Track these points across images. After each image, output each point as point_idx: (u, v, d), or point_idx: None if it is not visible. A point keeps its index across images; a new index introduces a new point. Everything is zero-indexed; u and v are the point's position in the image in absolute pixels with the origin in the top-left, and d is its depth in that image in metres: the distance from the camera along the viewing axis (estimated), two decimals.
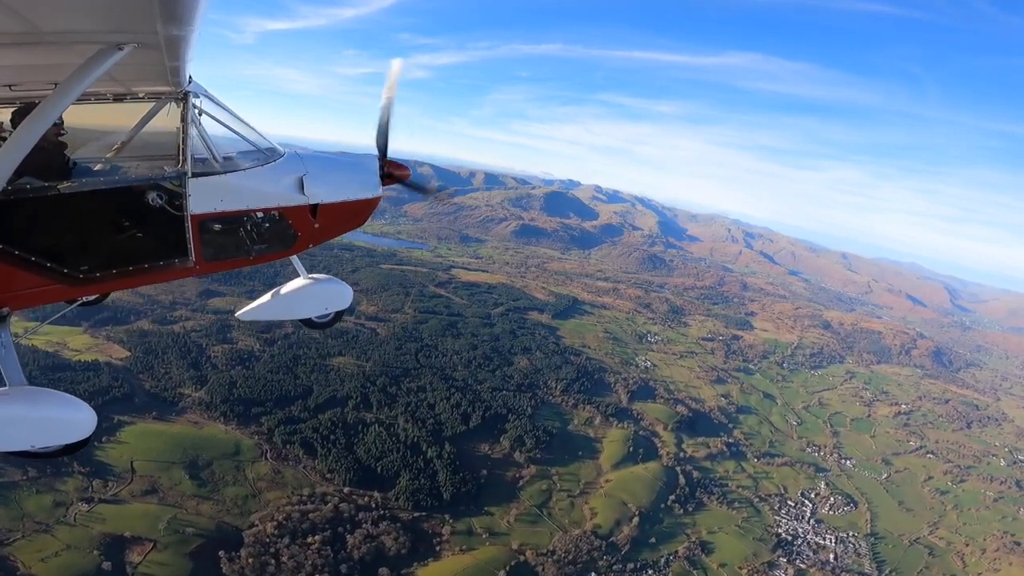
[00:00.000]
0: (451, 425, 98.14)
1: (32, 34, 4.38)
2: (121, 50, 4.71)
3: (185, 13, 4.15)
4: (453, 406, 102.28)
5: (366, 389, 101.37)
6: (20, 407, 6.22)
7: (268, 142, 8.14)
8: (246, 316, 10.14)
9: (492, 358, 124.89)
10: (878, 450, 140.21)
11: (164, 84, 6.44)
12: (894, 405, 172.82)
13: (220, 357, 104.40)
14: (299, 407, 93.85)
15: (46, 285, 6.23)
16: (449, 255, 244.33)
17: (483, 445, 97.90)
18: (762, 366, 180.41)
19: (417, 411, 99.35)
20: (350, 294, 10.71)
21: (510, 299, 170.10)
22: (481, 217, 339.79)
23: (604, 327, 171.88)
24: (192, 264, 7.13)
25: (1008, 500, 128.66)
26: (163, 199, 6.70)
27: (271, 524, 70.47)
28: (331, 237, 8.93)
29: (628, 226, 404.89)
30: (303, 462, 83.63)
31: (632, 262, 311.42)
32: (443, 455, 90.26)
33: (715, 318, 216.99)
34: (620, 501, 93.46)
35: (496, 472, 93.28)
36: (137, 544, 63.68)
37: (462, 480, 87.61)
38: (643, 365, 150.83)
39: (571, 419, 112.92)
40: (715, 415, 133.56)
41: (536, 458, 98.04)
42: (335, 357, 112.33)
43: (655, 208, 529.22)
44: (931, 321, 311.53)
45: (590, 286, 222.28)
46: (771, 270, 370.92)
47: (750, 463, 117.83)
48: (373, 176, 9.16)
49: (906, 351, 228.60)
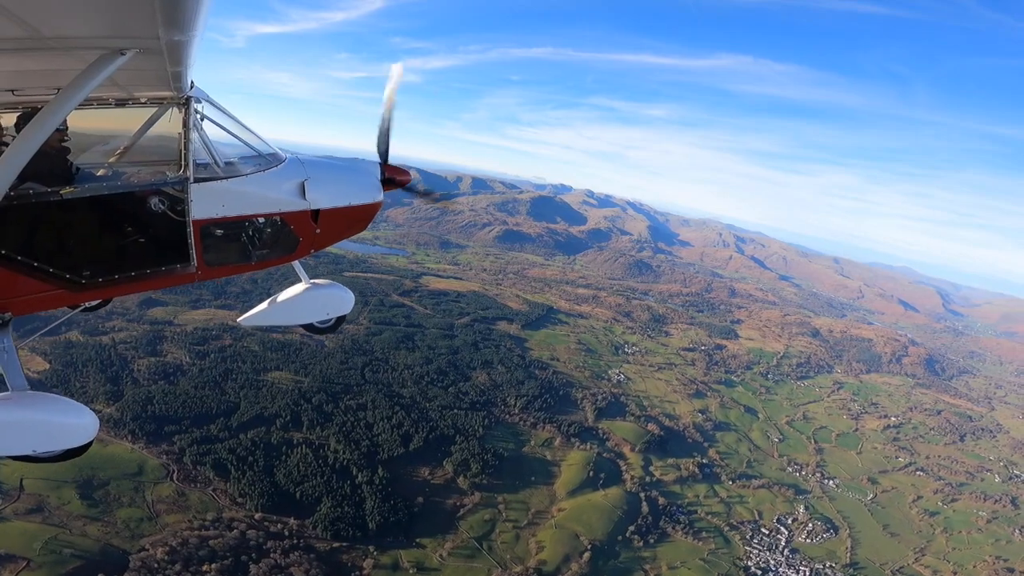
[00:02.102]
0: (388, 447, 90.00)
1: (34, 39, 4.31)
2: (123, 55, 4.68)
3: (186, 18, 4.06)
4: (394, 426, 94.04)
5: (299, 407, 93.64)
6: (22, 412, 6.20)
7: (270, 147, 8.02)
8: (248, 322, 10.25)
9: (448, 373, 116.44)
10: (864, 468, 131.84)
11: (166, 89, 6.43)
12: (883, 418, 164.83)
13: (143, 371, 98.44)
14: (219, 426, 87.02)
15: (49, 291, 6.21)
16: (426, 261, 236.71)
17: (423, 469, 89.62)
18: (745, 377, 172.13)
19: (352, 431, 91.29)
20: (352, 299, 10.60)
21: (478, 308, 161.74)
22: (464, 222, 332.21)
23: (578, 337, 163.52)
24: (194, 270, 7.06)
25: (1002, 520, 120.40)
26: (165, 204, 6.71)
27: (163, 549, 65.29)
28: (333, 242, 8.84)
29: (617, 231, 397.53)
30: (213, 484, 77.67)
31: (618, 268, 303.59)
32: (374, 480, 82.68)
33: (699, 326, 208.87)
34: (572, 533, 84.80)
35: (434, 499, 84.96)
36: (10, 562, 60.33)
37: (392, 508, 79.83)
38: (616, 379, 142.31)
39: (528, 440, 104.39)
40: (690, 433, 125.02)
41: (481, 484, 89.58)
42: (271, 372, 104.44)
43: (647, 213, 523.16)
44: (923, 327, 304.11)
45: (569, 293, 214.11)
46: (761, 275, 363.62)
47: (724, 486, 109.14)
48: (374, 181, 9.06)
49: (897, 359, 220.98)
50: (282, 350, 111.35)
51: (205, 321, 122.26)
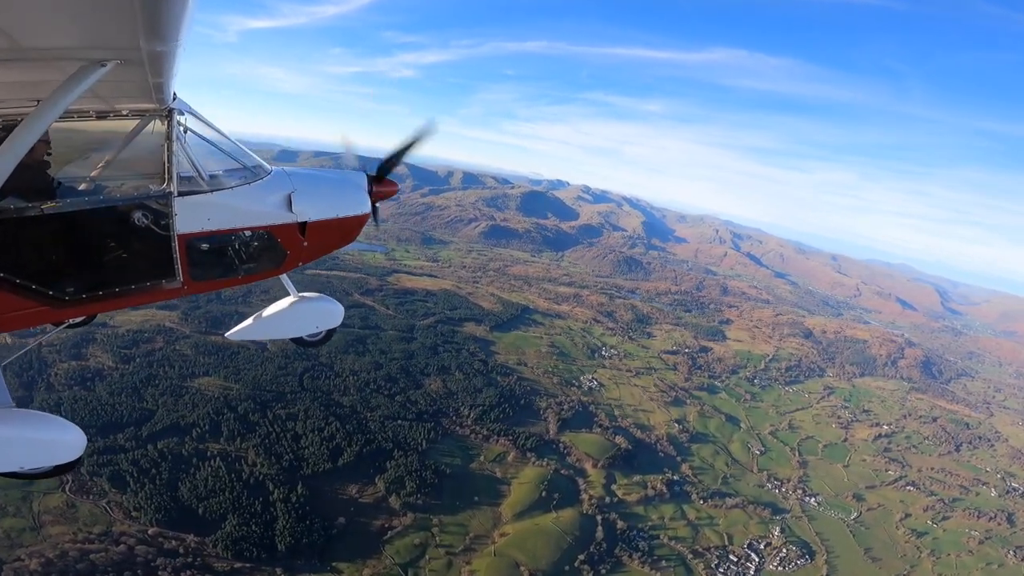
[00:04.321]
0: (314, 462, 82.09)
1: (12, 50, 4.21)
2: (104, 66, 4.59)
3: (168, 28, 3.98)
4: (325, 439, 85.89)
5: (220, 416, 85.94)
6: (8, 429, 6.13)
7: (255, 159, 7.85)
8: (236, 336, 10.03)
9: (398, 380, 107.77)
10: (850, 483, 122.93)
11: (148, 101, 6.34)
12: (875, 426, 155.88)
13: (61, 376, 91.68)
14: (128, 435, 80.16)
15: (31, 308, 6.06)
16: (404, 258, 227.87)
17: (351, 487, 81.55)
18: (730, 383, 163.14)
19: (276, 443, 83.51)
20: (341, 312, 10.40)
21: (447, 308, 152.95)
22: (450, 218, 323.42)
23: (552, 340, 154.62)
24: (180, 284, 6.91)
25: (996, 541, 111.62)
26: (149, 218, 6.51)
27: (38, 560, 61.41)
28: (320, 255, 8.68)
29: (609, 227, 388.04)
30: (108, 497, 71.39)
31: (606, 265, 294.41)
32: (291, 497, 74.96)
33: (684, 327, 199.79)
34: (512, 562, 76.21)
35: (359, 520, 76.95)
36: None
37: (308, 528, 72.17)
38: (587, 385, 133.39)
39: (477, 455, 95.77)
40: (662, 446, 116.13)
41: (416, 504, 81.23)
42: (200, 377, 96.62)
43: (643, 208, 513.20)
44: (921, 326, 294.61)
45: (550, 292, 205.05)
46: (756, 273, 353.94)
47: (694, 506, 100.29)
48: (361, 193, 8.89)
49: (893, 361, 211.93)
50: (217, 354, 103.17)
51: (141, 323, 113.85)
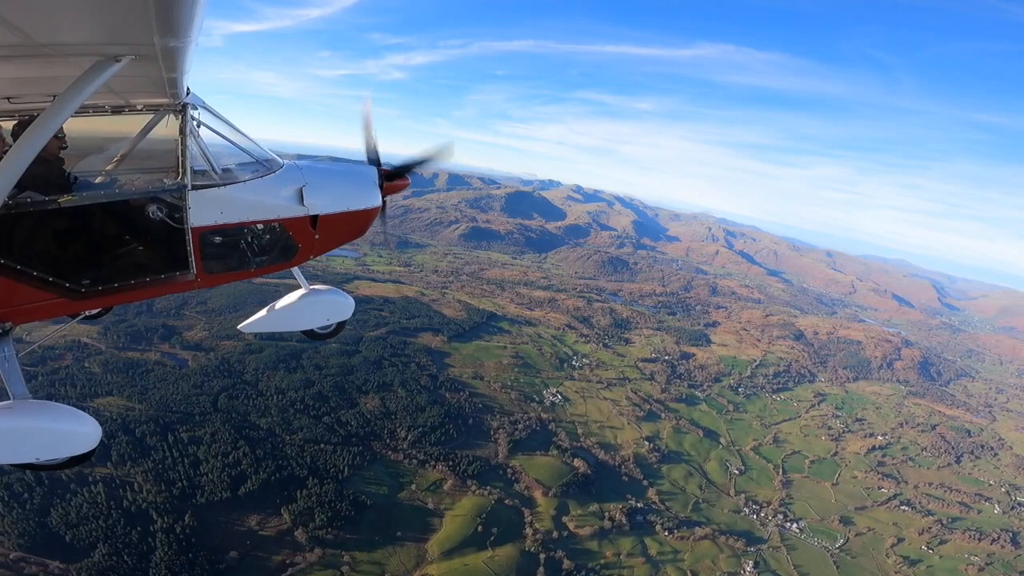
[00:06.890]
0: (211, 490, 71.91)
1: (29, 46, 4.29)
2: (118, 62, 4.64)
3: (181, 24, 4.04)
4: (228, 464, 75.81)
5: (113, 439, 75.80)
6: (24, 420, 6.14)
7: (267, 153, 7.90)
8: (248, 328, 10.05)
9: (329, 398, 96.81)
10: (838, 504, 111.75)
11: (162, 96, 6.32)
12: (869, 437, 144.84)
13: None
14: None
15: (48, 300, 6.13)
16: (375, 263, 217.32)
17: (252, 518, 71.35)
18: (712, 392, 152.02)
19: (171, 470, 73.51)
20: (351, 305, 10.35)
21: (404, 317, 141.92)
22: (429, 220, 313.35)
23: (517, 349, 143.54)
24: (194, 277, 6.99)
25: (997, 566, 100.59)
26: (163, 212, 6.59)
27: None
28: (331, 248, 8.64)
29: (598, 226, 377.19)
30: None
31: (591, 266, 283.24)
32: (176, 527, 65.42)
33: (666, 332, 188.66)
34: None
35: (256, 554, 67.00)
36: None
37: (190, 562, 62.75)
38: (550, 400, 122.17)
39: (409, 482, 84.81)
40: (627, 468, 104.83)
41: (326, 539, 70.66)
42: (103, 397, 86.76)
43: (635, 207, 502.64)
44: (918, 323, 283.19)
45: (524, 296, 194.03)
46: (749, 271, 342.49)
47: (657, 539, 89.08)
48: (372, 186, 8.93)
49: (889, 363, 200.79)
50: (127, 372, 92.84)
51: (58, 339, 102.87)
